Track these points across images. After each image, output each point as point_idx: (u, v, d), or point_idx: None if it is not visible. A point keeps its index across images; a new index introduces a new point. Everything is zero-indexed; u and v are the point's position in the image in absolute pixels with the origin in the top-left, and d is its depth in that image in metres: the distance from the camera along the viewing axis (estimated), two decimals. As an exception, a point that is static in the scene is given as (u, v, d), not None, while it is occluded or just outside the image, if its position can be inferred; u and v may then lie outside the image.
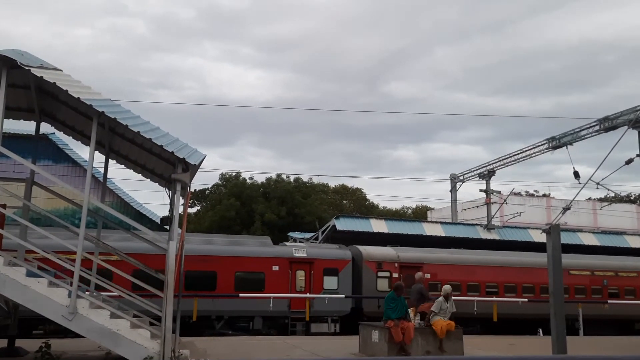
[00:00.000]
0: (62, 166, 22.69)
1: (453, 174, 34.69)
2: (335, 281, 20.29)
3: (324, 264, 20.37)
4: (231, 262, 19.14)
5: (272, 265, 19.64)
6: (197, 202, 48.94)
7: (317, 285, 19.95)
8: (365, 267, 20.84)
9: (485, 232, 28.79)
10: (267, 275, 19.42)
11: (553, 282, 11.86)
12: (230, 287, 18.84)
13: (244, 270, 19.32)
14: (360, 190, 59.28)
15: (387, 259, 21.26)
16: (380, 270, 20.95)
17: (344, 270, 20.57)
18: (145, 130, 9.32)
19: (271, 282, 19.39)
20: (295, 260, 20.17)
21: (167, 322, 8.91)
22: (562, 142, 26.29)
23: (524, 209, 35.66)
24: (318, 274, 20.15)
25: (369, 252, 21.35)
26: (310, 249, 21.13)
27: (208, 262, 18.67)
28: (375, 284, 20.65)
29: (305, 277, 20.01)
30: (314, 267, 20.16)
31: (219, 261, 19.00)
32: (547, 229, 12.18)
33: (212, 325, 18.75)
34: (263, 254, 19.83)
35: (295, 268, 20.03)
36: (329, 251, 21.33)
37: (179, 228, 9.88)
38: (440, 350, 11.84)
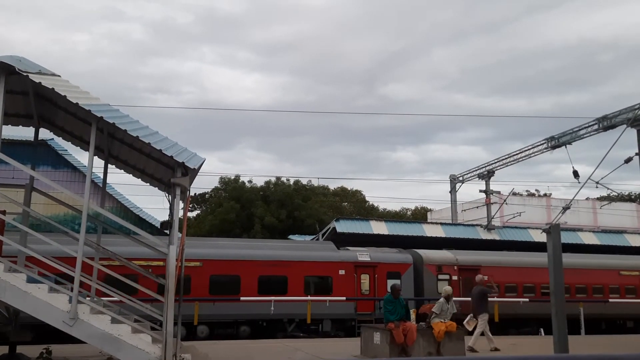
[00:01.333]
0: (61, 172, 22.69)
1: (452, 175, 34.70)
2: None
3: (387, 267, 21.19)
4: (301, 266, 19.99)
5: (339, 270, 20.45)
6: (197, 206, 48.96)
7: (381, 288, 20.66)
8: (426, 271, 21.67)
9: (485, 233, 28.78)
10: (334, 279, 20.19)
11: (554, 281, 11.85)
12: (300, 291, 19.54)
13: (313, 274, 20.10)
14: (360, 192, 59.34)
15: (447, 262, 22.07)
16: (440, 273, 21.81)
17: (406, 273, 21.34)
18: (144, 134, 9.31)
19: (338, 285, 20.15)
20: (360, 265, 20.98)
21: (168, 326, 8.89)
22: (561, 141, 26.29)
23: (524, 209, 35.68)
24: (382, 277, 20.90)
25: (429, 255, 22.14)
26: (373, 253, 21.76)
27: (279, 267, 19.56)
28: (436, 286, 21.31)
29: (370, 281, 20.82)
30: (377, 270, 21.00)
31: (289, 266, 19.77)
32: (547, 228, 12.18)
33: (285, 328, 19.39)
34: (330, 258, 20.64)
35: (360, 272, 20.83)
36: (391, 255, 21.95)
37: (179, 232, 9.86)
38: (438, 353, 11.82)
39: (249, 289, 18.93)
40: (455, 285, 21.45)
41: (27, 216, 11.02)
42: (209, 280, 18.56)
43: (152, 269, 16.25)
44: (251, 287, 19.01)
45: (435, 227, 28.65)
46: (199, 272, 18.49)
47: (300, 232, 37.21)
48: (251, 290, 18.97)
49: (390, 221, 29.66)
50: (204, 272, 18.59)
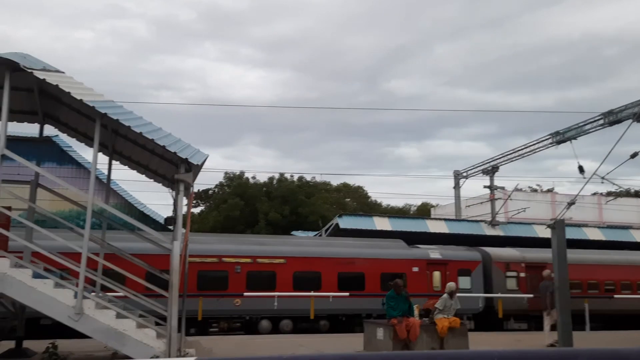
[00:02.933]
0: (66, 168, 22.77)
1: (456, 171, 34.56)
2: (469, 281, 21.58)
3: (457, 265, 21.70)
4: (377, 264, 20.54)
5: (412, 267, 20.97)
6: (200, 202, 49.03)
7: None
8: (494, 268, 22.16)
9: (489, 229, 28.69)
10: (408, 276, 20.53)
11: (558, 276, 11.86)
12: (377, 287, 19.91)
13: (388, 271, 20.37)
14: (363, 189, 59.31)
15: (514, 259, 22.58)
16: (508, 271, 22.29)
17: (475, 270, 21.87)
18: (147, 131, 9.35)
19: (412, 282, 20.53)
20: (432, 262, 21.52)
21: (172, 321, 8.96)
22: (566, 136, 26.11)
23: (528, 205, 35.54)
24: (453, 274, 21.30)
25: (497, 253, 22.72)
26: (443, 250, 22.18)
27: (357, 264, 20.20)
28: (505, 283, 21.97)
29: (442, 278, 21.21)
30: (448, 268, 21.52)
31: (366, 263, 20.39)
32: (551, 224, 12.19)
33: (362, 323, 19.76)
34: (404, 256, 21.20)
35: (431, 269, 21.35)
36: (461, 253, 22.45)
37: (183, 228, 9.91)
38: (441, 349, 11.84)
39: (329, 284, 19.68)
40: (523, 282, 22.15)
41: (32, 212, 11.09)
42: (292, 276, 19.39)
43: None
44: (331, 283, 19.76)
45: (439, 222, 28.58)
46: (283, 269, 19.38)
47: (303, 228, 37.22)
48: (331, 286, 19.70)
49: (393, 217, 29.59)
50: (288, 269, 19.45)
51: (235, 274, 18.38)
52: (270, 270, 19.08)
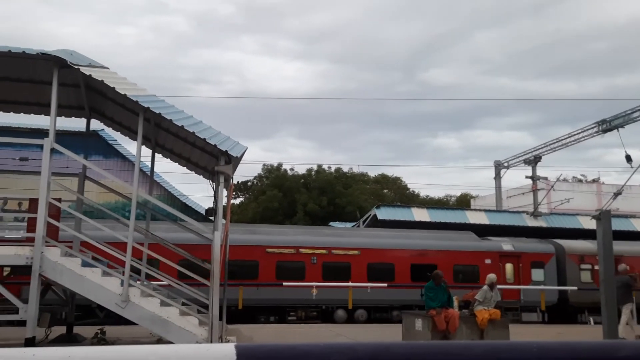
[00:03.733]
0: (111, 161, 23.51)
1: (497, 161, 33.92)
2: (542, 273, 21.64)
3: (530, 257, 21.71)
4: (449, 255, 20.86)
5: (485, 259, 21.10)
6: (240, 193, 49.72)
7: (525, 277, 21.35)
8: (568, 260, 22.09)
9: (532, 220, 28.10)
10: (481, 268, 20.63)
11: (604, 269, 11.56)
12: (449, 279, 20.14)
13: (461, 263, 20.89)
14: (400, 180, 58.87)
15: (588, 252, 22.00)
16: (582, 263, 22.12)
17: (549, 263, 21.86)
18: (188, 124, 9.56)
19: (485, 274, 20.61)
20: (505, 254, 21.59)
21: (213, 309, 9.18)
22: (612, 124, 25.31)
23: (572, 195, 34.62)
24: (526, 266, 21.51)
25: (571, 245, 22.60)
26: (515, 242, 22.25)
27: (430, 256, 20.50)
28: (579, 276, 21.83)
29: (514, 270, 21.41)
30: (521, 260, 21.59)
31: (439, 255, 20.73)
32: (597, 215, 11.87)
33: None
34: (476, 248, 21.36)
35: (504, 261, 21.41)
36: (534, 245, 22.44)
37: (224, 219, 10.11)
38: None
39: (402, 276, 20.03)
40: (598, 275, 21.43)
41: (80, 203, 11.52)
42: (366, 267, 19.81)
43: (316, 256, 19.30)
44: (404, 275, 20.07)
45: (479, 214, 28.16)
46: (357, 260, 19.82)
47: (340, 219, 37.30)
48: (404, 277, 20.03)
49: (432, 208, 29.32)
50: (362, 260, 19.89)
51: (311, 265, 19.24)
52: (345, 262, 19.69)
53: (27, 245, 9.00)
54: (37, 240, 8.88)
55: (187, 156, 12.63)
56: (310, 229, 22.91)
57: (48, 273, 8.96)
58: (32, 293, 8.72)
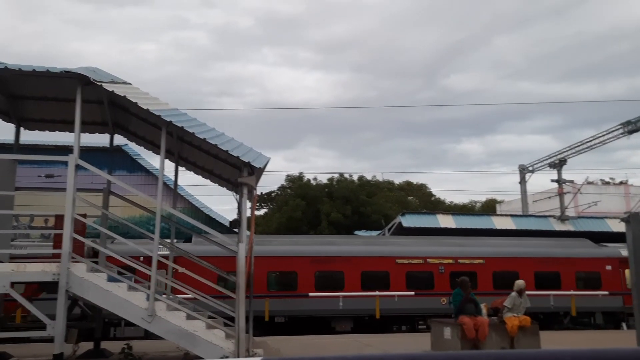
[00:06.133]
0: (136, 175, 23.82)
1: (522, 165, 33.47)
2: None
3: None
4: (571, 262, 21.23)
5: (606, 265, 21.53)
6: (263, 204, 49.89)
7: None
8: None
9: (558, 224, 27.52)
10: (602, 274, 21.19)
11: (635, 274, 11.21)
12: (572, 285, 20.90)
13: (583, 270, 21.33)
14: (425, 186, 58.40)
15: None
16: None
17: None
18: (211, 136, 9.61)
19: (606, 280, 21.15)
20: (624, 260, 22.03)
21: (240, 322, 9.14)
22: (638, 125, 24.84)
23: (599, 198, 33.89)
24: None
25: None
26: None
27: (551, 264, 20.89)
28: None
29: None
30: None
31: (560, 263, 21.08)
32: (626, 217, 11.54)
33: (560, 321, 20.72)
34: (597, 254, 21.76)
35: (623, 267, 21.35)
36: None
37: (248, 230, 10.10)
38: (511, 348, 11.48)
39: (529, 282, 20.25)
40: None
41: (105, 219, 11.64)
42: (492, 275, 20.33)
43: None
44: (529, 282, 20.22)
45: (505, 219, 27.71)
46: (483, 269, 20.38)
47: (366, 228, 37.10)
48: (529, 284, 20.56)
49: (457, 214, 28.96)
50: (487, 269, 20.45)
51: (439, 274, 19.68)
52: (471, 270, 20.01)
53: (53, 262, 9.10)
54: (63, 257, 8.97)
55: (210, 168, 12.70)
56: (435, 239, 23.07)
57: (75, 289, 9.03)
58: (59, 309, 8.79)
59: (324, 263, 19.28)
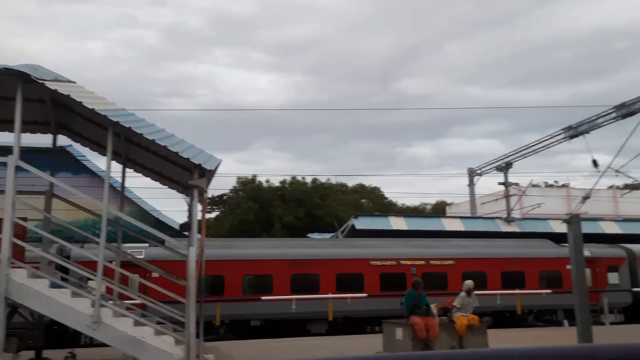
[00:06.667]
0: (80, 177, 22.95)
1: (470, 168, 34.32)
2: (617, 277, 22.91)
3: (606, 262, 23.01)
4: (535, 263, 21.95)
5: (566, 265, 22.29)
6: (215, 207, 49.22)
7: (602, 280, 22.63)
8: (639, 264, 23.42)
9: (505, 225, 28.40)
10: (563, 274, 21.84)
11: (576, 272, 11.69)
12: (535, 285, 21.62)
13: (545, 269, 21.99)
14: (378, 189, 59.10)
15: None
16: None
17: (622, 266, 23.11)
18: (160, 138, 9.39)
19: (567, 279, 21.79)
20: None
21: (190, 327, 8.96)
22: (579, 131, 25.81)
23: (543, 200, 35.16)
24: (602, 271, 22.77)
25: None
26: (592, 248, 23.01)
27: (517, 264, 21.68)
28: None
29: (592, 274, 22.39)
30: (598, 264, 22.72)
31: (526, 263, 21.81)
32: (567, 218, 12.02)
33: (525, 318, 21.49)
34: (559, 254, 22.31)
35: None
36: (608, 250, 23.71)
37: (199, 233, 9.92)
38: (460, 347, 11.75)
39: (494, 283, 21.17)
40: None
41: (48, 222, 11.17)
42: (461, 276, 20.47)
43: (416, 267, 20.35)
44: (496, 282, 21.25)
45: (454, 221, 28.38)
46: (453, 270, 20.90)
47: (319, 230, 37.16)
48: (496, 284, 21.17)
49: (409, 216, 29.45)
50: (457, 269, 20.94)
51: (412, 275, 19.88)
52: (442, 271, 20.65)
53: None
54: (2, 262, 8.55)
55: (159, 170, 12.40)
56: (409, 241, 23.47)
57: (14, 296, 8.62)
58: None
59: (300, 266, 19.48)
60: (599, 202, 40.63)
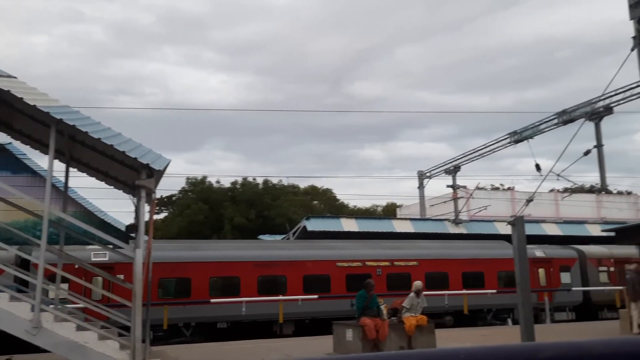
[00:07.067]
0: (21, 177, 21.89)
1: (420, 171, 35.02)
2: (569, 276, 23.80)
3: (559, 262, 23.84)
4: (494, 263, 22.41)
5: None
6: (163, 208, 48.19)
7: (555, 280, 23.48)
8: (589, 264, 24.35)
9: (453, 227, 29.15)
10: None
11: (519, 272, 12.11)
12: (495, 284, 22.14)
13: (504, 269, 22.08)
14: (330, 191, 59.41)
15: (604, 256, 24.60)
16: (600, 265, 24.44)
17: (574, 266, 24.03)
18: (106, 136, 9.10)
19: None
20: (538, 260, 23.47)
21: (136, 331, 8.72)
22: (523, 136, 26.79)
23: (489, 203, 36.26)
24: (555, 271, 23.63)
25: (590, 250, 24.82)
26: (546, 249, 24.14)
27: (478, 264, 22.17)
28: (598, 277, 24.15)
29: (546, 274, 23.41)
30: (551, 265, 23.63)
31: (486, 263, 22.23)
32: (511, 221, 12.43)
33: (484, 317, 22.04)
34: None
35: (537, 266, 23.34)
36: (560, 251, 24.53)
37: (146, 235, 9.69)
38: (409, 347, 11.94)
39: (455, 283, 21.63)
40: (613, 276, 24.10)
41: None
42: (424, 276, 20.76)
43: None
44: (457, 282, 21.71)
45: (405, 222, 28.90)
46: (416, 270, 21.13)
47: (270, 232, 37.00)
48: (457, 284, 21.61)
49: (360, 218, 29.77)
50: (421, 270, 21.18)
51: (377, 276, 20.18)
52: (406, 272, 20.87)
53: None
54: None
55: (105, 170, 12.03)
56: (375, 242, 23.64)
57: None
58: None
59: (267, 267, 19.48)
60: (542, 205, 42.26)
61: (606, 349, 1.95)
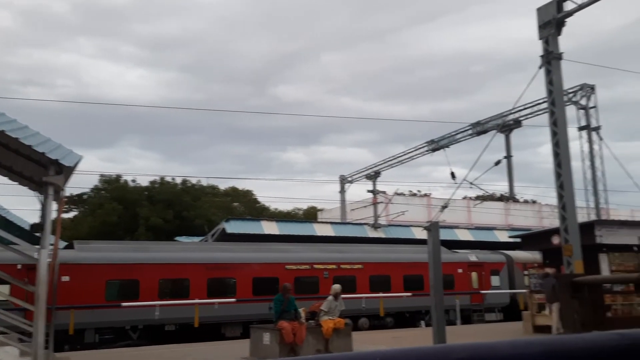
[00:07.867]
0: None
1: (342, 176, 35.52)
2: (498, 279, 25.22)
3: (490, 266, 25.15)
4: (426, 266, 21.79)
5: (458, 269, 24.20)
6: (73, 207, 45.67)
7: (486, 283, 24.83)
8: (516, 268, 25.86)
9: (372, 231, 29.80)
10: (455, 277, 23.83)
11: (433, 276, 12.54)
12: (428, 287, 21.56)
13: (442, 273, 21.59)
14: (251, 193, 58.89)
15: (529, 260, 25.58)
16: (525, 269, 24.98)
17: (503, 270, 25.51)
18: (11, 129, 8.48)
19: (458, 282, 23.92)
20: (472, 264, 24.80)
21: (39, 337, 8.17)
22: (440, 144, 27.87)
23: (407, 208, 37.42)
24: (487, 274, 24.96)
25: (517, 255, 26.21)
26: (478, 254, 25.47)
27: (418, 268, 22.25)
28: (523, 280, 24.97)
29: (478, 277, 24.67)
30: (483, 268, 24.90)
31: (424, 267, 20.79)
32: (427, 226, 12.86)
33: (422, 318, 22.63)
34: (452, 259, 23.90)
35: (471, 270, 24.65)
36: (492, 255, 25.97)
37: (53, 235, 9.11)
38: (326, 350, 12.04)
39: (397, 286, 22.48)
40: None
41: None
42: (369, 279, 22.03)
43: None
44: (399, 285, 22.54)
45: (325, 226, 29.20)
46: (361, 273, 21.96)
47: (188, 233, 36.09)
48: (399, 287, 22.51)
49: (281, 221, 29.73)
50: (365, 273, 22.06)
51: (324, 279, 20.93)
52: (352, 275, 21.63)
53: None
54: None
55: (9, 165, 11.18)
56: (323, 246, 23.89)
57: None
58: None
59: (218, 270, 19.42)
60: (455, 211, 44.17)
61: (514, 350, 2.03)
